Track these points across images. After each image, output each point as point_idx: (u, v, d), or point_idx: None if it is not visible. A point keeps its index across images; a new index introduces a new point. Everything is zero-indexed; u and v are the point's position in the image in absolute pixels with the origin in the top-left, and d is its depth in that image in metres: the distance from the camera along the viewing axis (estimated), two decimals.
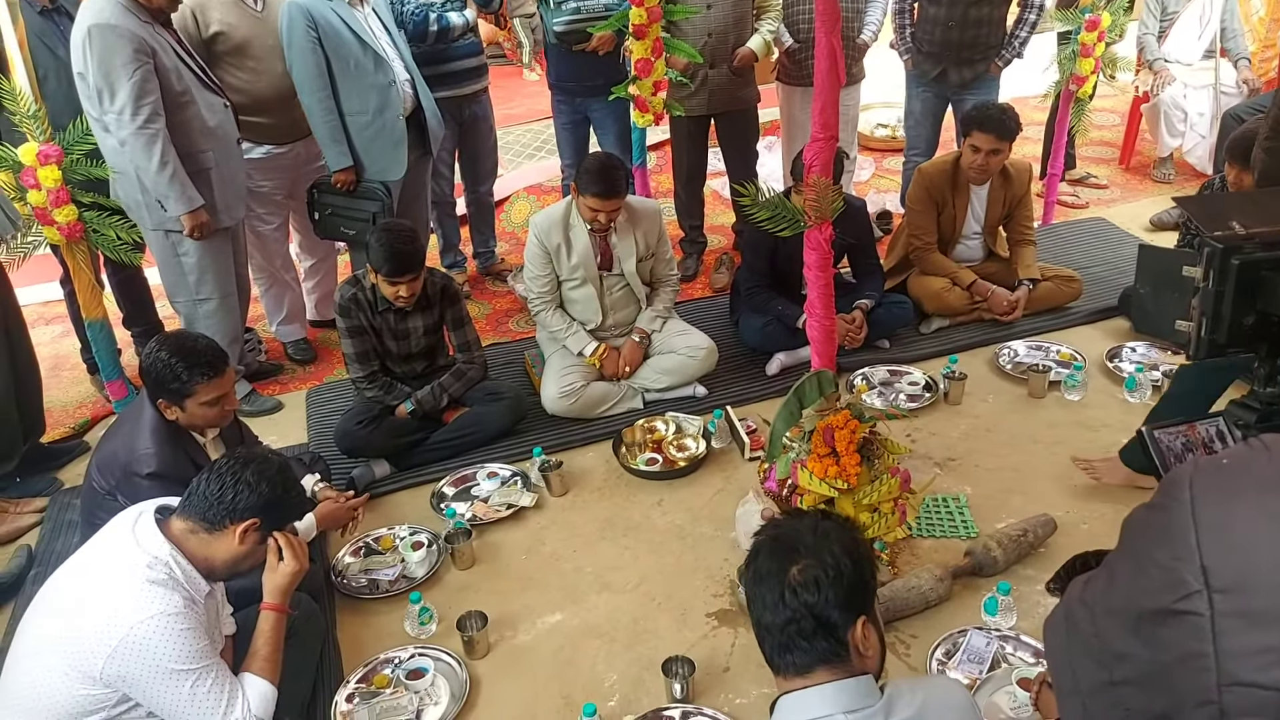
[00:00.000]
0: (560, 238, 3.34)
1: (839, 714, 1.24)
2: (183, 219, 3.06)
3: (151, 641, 1.73)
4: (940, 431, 3.19)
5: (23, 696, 1.78)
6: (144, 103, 2.89)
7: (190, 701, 1.77)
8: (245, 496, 1.86)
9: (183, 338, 2.38)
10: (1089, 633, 0.85)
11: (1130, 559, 0.84)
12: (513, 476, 3.08)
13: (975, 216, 3.84)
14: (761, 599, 1.32)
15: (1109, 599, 0.85)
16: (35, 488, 3.18)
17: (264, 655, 1.95)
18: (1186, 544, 0.77)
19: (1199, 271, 1.53)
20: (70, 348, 4.04)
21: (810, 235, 2.30)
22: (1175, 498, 0.81)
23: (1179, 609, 0.75)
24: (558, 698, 2.27)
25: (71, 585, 1.85)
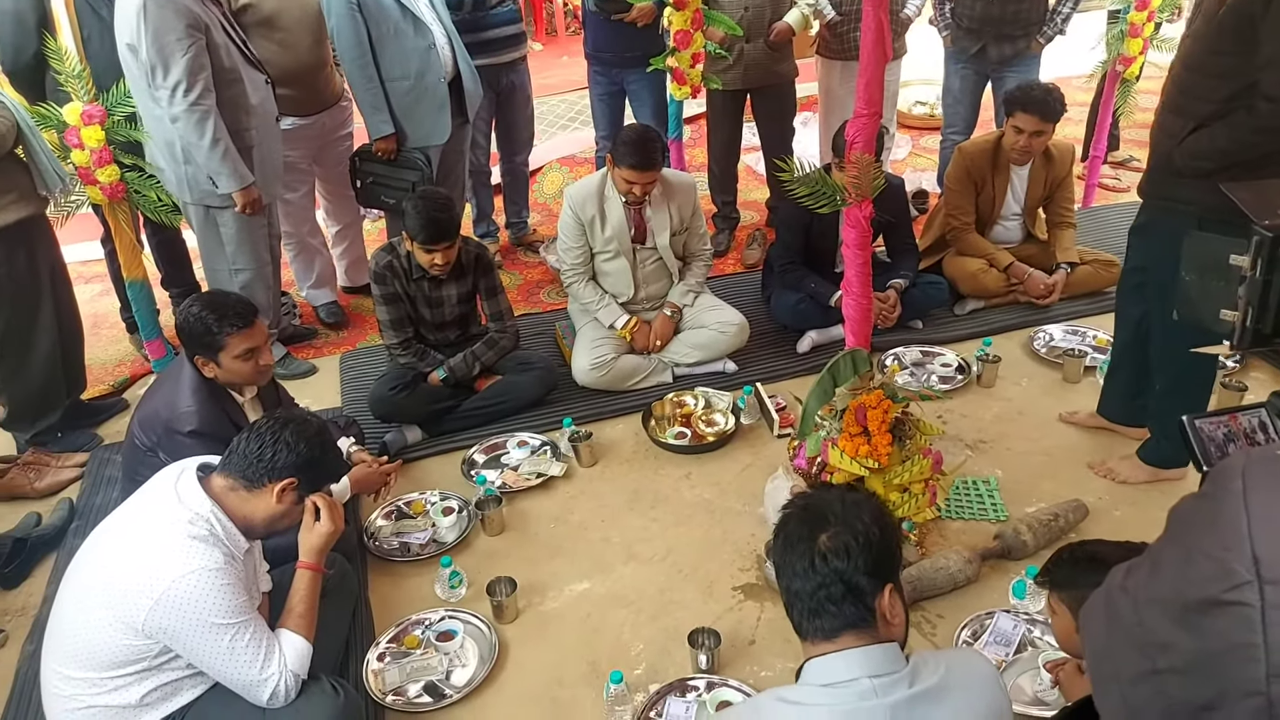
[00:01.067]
0: (595, 210, 3.33)
1: (864, 678, 1.26)
2: (235, 196, 3.09)
3: (192, 595, 1.77)
4: (972, 414, 3.17)
5: (70, 644, 1.84)
6: (197, 79, 2.90)
7: (229, 654, 1.81)
8: (284, 455, 1.90)
9: (214, 294, 2.44)
10: (1131, 621, 0.84)
11: (1177, 548, 0.83)
12: (542, 446, 3.11)
13: (1015, 197, 3.79)
14: (791, 566, 1.35)
15: (1153, 588, 0.84)
16: (76, 443, 3.25)
17: (299, 613, 2.00)
18: (1237, 533, 0.75)
19: (1246, 260, 1.50)
20: (110, 306, 4.11)
21: (849, 213, 2.28)
22: (1226, 487, 0.79)
23: (1228, 599, 0.74)
24: (584, 664, 2.30)
25: (116, 539, 1.89)
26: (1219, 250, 1.54)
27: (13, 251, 2.90)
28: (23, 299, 2.98)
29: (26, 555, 2.73)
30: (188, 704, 1.90)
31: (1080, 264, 3.76)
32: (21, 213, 2.88)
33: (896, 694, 1.25)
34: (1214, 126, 2.23)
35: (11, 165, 2.88)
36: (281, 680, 1.87)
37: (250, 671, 1.84)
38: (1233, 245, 1.52)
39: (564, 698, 2.22)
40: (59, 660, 1.86)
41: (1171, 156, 2.33)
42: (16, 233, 2.89)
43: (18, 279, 2.93)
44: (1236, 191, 1.63)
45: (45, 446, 3.18)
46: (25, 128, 2.87)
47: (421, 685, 2.25)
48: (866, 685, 1.26)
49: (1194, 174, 2.28)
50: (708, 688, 2.17)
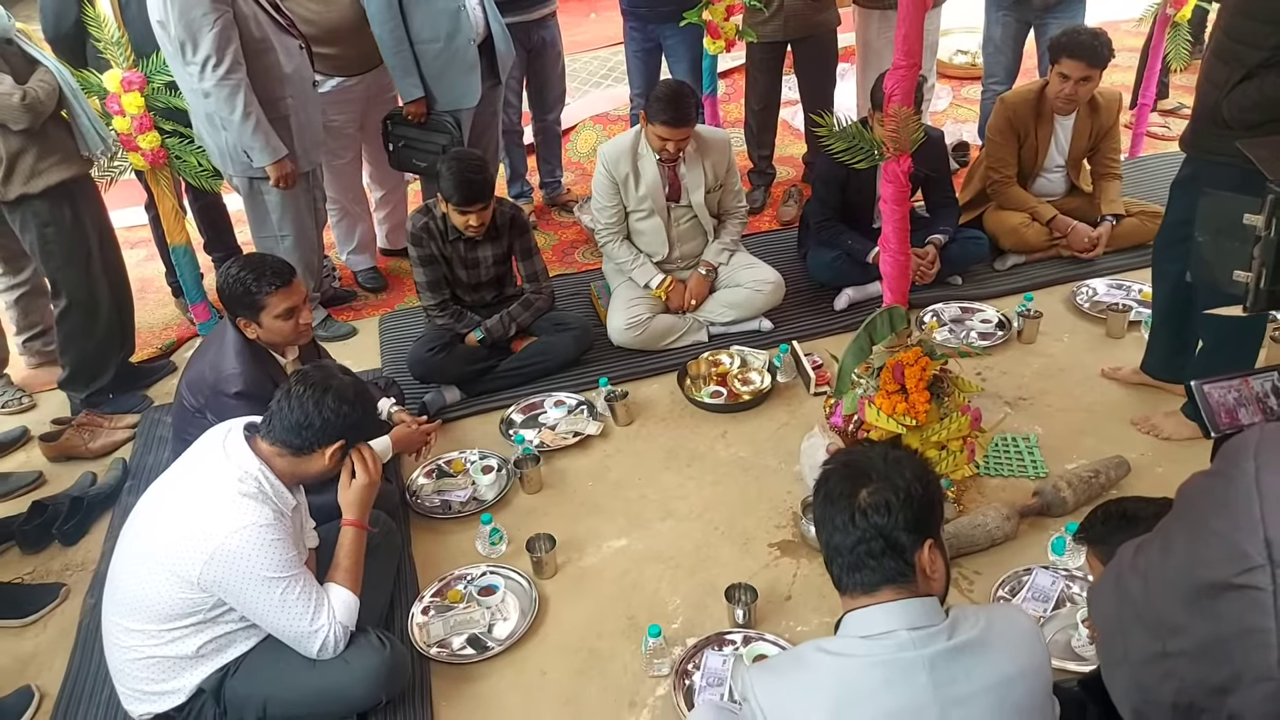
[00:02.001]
0: (628, 168, 3.31)
1: (902, 630, 1.27)
2: (268, 169, 3.12)
3: (244, 550, 1.83)
4: (1012, 370, 3.13)
5: (129, 597, 1.92)
6: (226, 53, 2.91)
7: (281, 607, 1.88)
8: (332, 422, 1.95)
9: (252, 255, 2.48)
10: (1142, 602, 0.83)
11: (1188, 528, 0.81)
12: (579, 405, 3.13)
13: (1059, 148, 3.69)
14: (831, 520, 1.35)
15: (1164, 568, 0.82)
16: (127, 405, 3.34)
17: (346, 567, 2.06)
18: (1249, 516, 0.73)
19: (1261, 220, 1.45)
20: (155, 271, 4.19)
21: (887, 168, 2.24)
22: (1238, 466, 0.77)
23: (1239, 583, 0.72)
24: (623, 618, 2.35)
25: (168, 498, 1.97)
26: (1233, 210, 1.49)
27: (59, 211, 2.97)
28: (74, 259, 3.06)
29: (84, 513, 2.84)
30: (240, 656, 1.98)
31: (1126, 216, 3.67)
32: (66, 173, 2.95)
33: (935, 646, 1.26)
34: (1264, 76, 2.15)
35: (55, 128, 2.94)
36: (330, 632, 1.94)
37: (301, 623, 1.91)
38: (1247, 205, 1.48)
39: (603, 650, 2.26)
40: (119, 613, 1.94)
41: (1218, 107, 2.25)
42: (61, 192, 2.96)
43: (65, 238, 3.01)
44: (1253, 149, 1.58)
45: (98, 408, 3.28)
46: (68, 90, 2.93)
47: (465, 638, 2.31)
48: (905, 637, 1.27)
49: (1241, 126, 2.20)
50: (744, 642, 2.20)
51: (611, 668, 2.22)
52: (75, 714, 2.23)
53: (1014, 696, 1.26)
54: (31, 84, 2.80)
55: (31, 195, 2.90)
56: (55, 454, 3.13)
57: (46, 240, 2.99)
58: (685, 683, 2.12)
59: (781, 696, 1.30)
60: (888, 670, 1.26)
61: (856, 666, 1.27)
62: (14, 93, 2.74)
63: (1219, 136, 2.27)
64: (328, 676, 1.97)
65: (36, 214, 2.94)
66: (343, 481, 2.10)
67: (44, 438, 3.15)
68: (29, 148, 2.85)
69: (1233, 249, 1.49)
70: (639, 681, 2.17)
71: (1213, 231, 1.55)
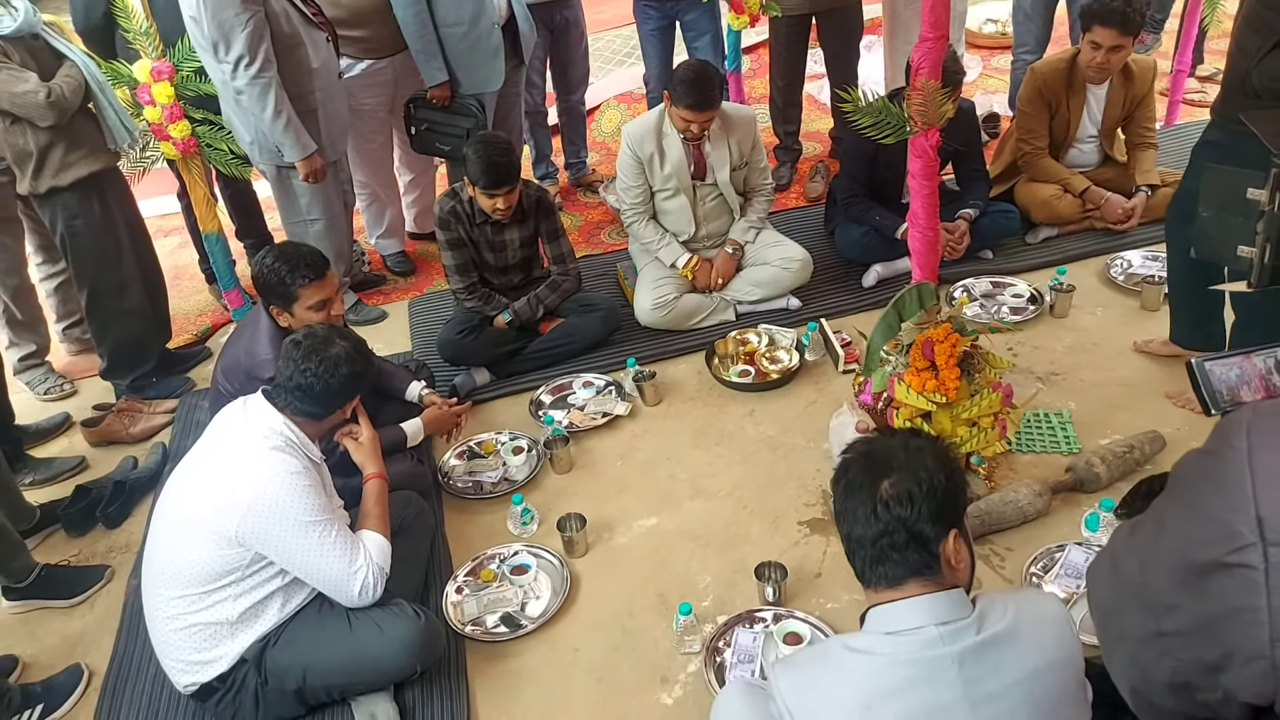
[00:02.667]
0: (653, 147, 3.30)
1: (930, 625, 1.25)
2: (298, 165, 3.15)
3: (279, 498, 1.90)
4: (1044, 345, 3.10)
5: (168, 566, 1.98)
6: (258, 52, 2.93)
7: (319, 550, 1.94)
8: (346, 387, 2.05)
9: (286, 245, 2.52)
10: (1138, 582, 0.83)
11: (1181, 507, 0.81)
12: (607, 386, 3.15)
13: (1091, 118, 3.62)
14: (853, 513, 1.33)
15: (1158, 548, 0.81)
16: (170, 388, 3.41)
17: (375, 515, 2.14)
18: (1241, 494, 0.73)
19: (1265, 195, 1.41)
20: (189, 259, 4.25)
21: (915, 142, 2.21)
22: (1230, 444, 0.77)
23: (1231, 561, 0.72)
24: (653, 596, 2.37)
25: (198, 467, 2.04)
26: (1237, 185, 1.46)
27: (87, 204, 3.02)
28: (103, 252, 3.10)
29: (126, 497, 2.91)
30: (281, 626, 2.02)
31: (1161, 186, 3.60)
32: (93, 166, 2.99)
33: (964, 641, 1.24)
34: None
35: (83, 120, 2.98)
36: (369, 572, 2.00)
37: (340, 565, 1.96)
38: (1251, 179, 1.45)
39: (634, 627, 2.29)
40: (158, 584, 2.00)
41: (1248, 77, 2.20)
42: (90, 185, 3.00)
43: (95, 231, 3.05)
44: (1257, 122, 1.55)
45: (141, 393, 3.35)
46: (94, 84, 2.96)
47: (498, 616, 2.34)
48: (933, 633, 1.25)
49: (1271, 96, 2.15)
50: (774, 619, 2.21)
51: (643, 645, 2.24)
52: (123, 690, 2.30)
53: (1044, 688, 1.23)
54: (57, 80, 2.84)
55: (61, 188, 2.94)
56: (97, 439, 3.20)
57: (75, 233, 3.03)
58: (716, 660, 2.14)
59: (807, 695, 1.29)
60: (916, 668, 1.24)
61: (884, 664, 1.25)
62: (39, 90, 2.78)
63: (1248, 106, 2.20)
64: (364, 645, 2.02)
65: (66, 207, 2.99)
66: (351, 448, 2.22)
67: (86, 423, 3.23)
68: (58, 141, 2.89)
69: (1237, 224, 1.46)
70: (670, 659, 2.19)
71: (1216, 207, 1.52)
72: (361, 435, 2.24)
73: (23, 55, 2.82)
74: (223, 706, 2.04)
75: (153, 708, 2.24)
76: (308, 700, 2.07)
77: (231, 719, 2.07)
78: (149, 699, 2.26)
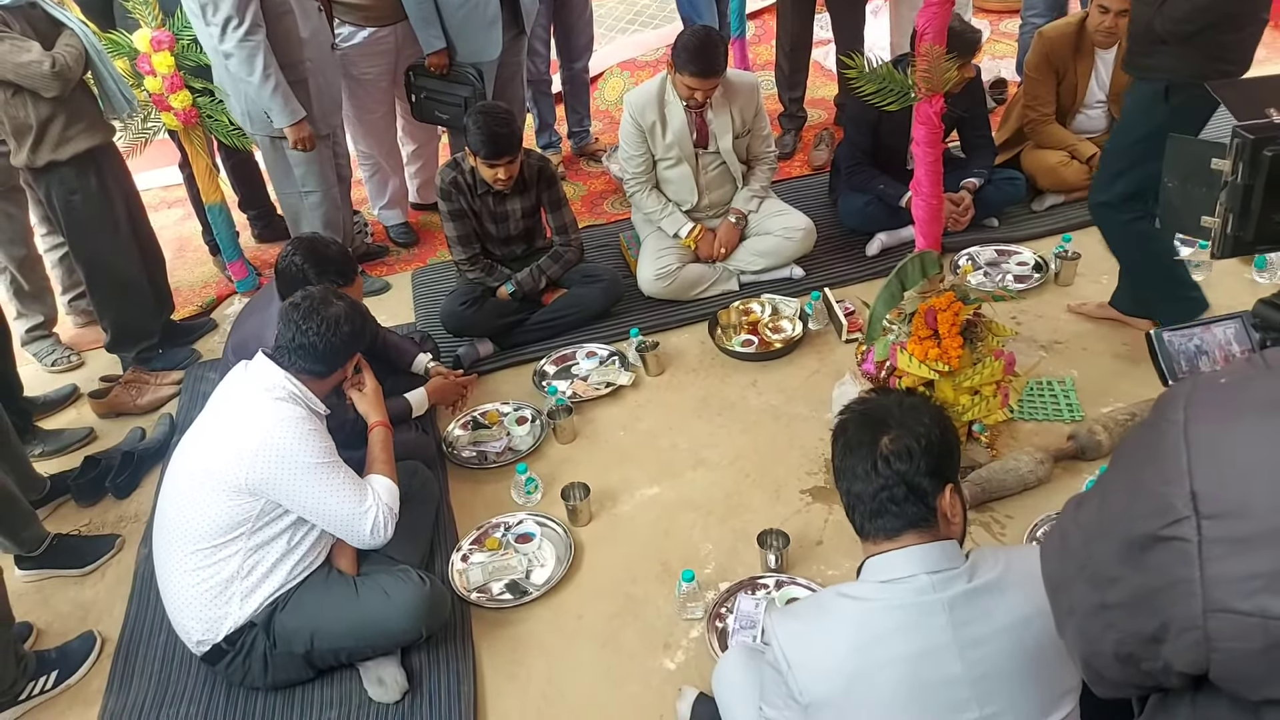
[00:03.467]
0: (655, 115, 3.28)
1: (923, 574, 1.29)
2: (286, 131, 3.12)
3: (286, 442, 1.94)
4: (1047, 314, 3.09)
5: (178, 523, 2.02)
6: (246, 14, 2.89)
7: (328, 491, 1.98)
8: (348, 344, 2.09)
9: (317, 245, 2.49)
10: (1083, 555, 0.84)
11: (1122, 481, 0.82)
12: (610, 356, 3.16)
13: (1099, 84, 3.57)
14: (852, 469, 1.37)
15: (1101, 521, 0.83)
16: (176, 359, 3.43)
17: (381, 460, 2.18)
18: (1177, 467, 0.74)
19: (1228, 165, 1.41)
20: (192, 230, 4.25)
21: (920, 109, 2.20)
22: (1168, 418, 0.77)
23: (1166, 534, 0.73)
24: (656, 564, 2.39)
25: (205, 428, 2.08)
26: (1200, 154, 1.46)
27: (85, 179, 3.00)
28: (100, 227, 3.08)
29: (135, 467, 2.94)
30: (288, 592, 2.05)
31: None
32: (92, 141, 2.97)
33: (954, 589, 1.28)
34: None
35: (81, 94, 2.95)
36: (379, 511, 2.04)
37: (350, 504, 2.00)
38: (1214, 149, 1.44)
39: (638, 594, 2.31)
40: (171, 542, 2.04)
41: (1152, 24, 2.30)
42: (88, 160, 2.98)
43: (91, 206, 3.04)
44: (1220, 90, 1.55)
45: (147, 364, 3.37)
46: (93, 52, 2.93)
47: (504, 583, 2.37)
48: (924, 581, 1.29)
49: (1176, 39, 2.27)
50: (777, 586, 2.24)
51: (646, 612, 2.27)
52: (135, 656, 2.34)
53: (1033, 635, 1.27)
54: (59, 49, 2.81)
55: (60, 162, 2.92)
56: (105, 410, 3.23)
57: (72, 208, 3.02)
58: (719, 625, 2.17)
59: (804, 642, 1.33)
60: (907, 613, 1.28)
61: (876, 610, 1.29)
62: (44, 60, 2.75)
63: (1152, 52, 2.34)
64: (371, 609, 2.05)
65: (63, 181, 2.97)
66: (355, 398, 2.26)
67: (93, 395, 3.25)
68: (58, 114, 2.87)
69: (1200, 195, 1.46)
70: (673, 625, 2.22)
71: (1180, 177, 1.52)
72: (365, 386, 2.28)
73: (22, 25, 2.80)
74: (232, 669, 2.08)
75: (165, 673, 2.28)
76: (316, 664, 2.11)
77: (241, 682, 2.11)
78: (161, 664, 2.30)
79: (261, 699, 2.15)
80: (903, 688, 1.26)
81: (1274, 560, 0.69)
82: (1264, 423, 0.73)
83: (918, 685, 1.26)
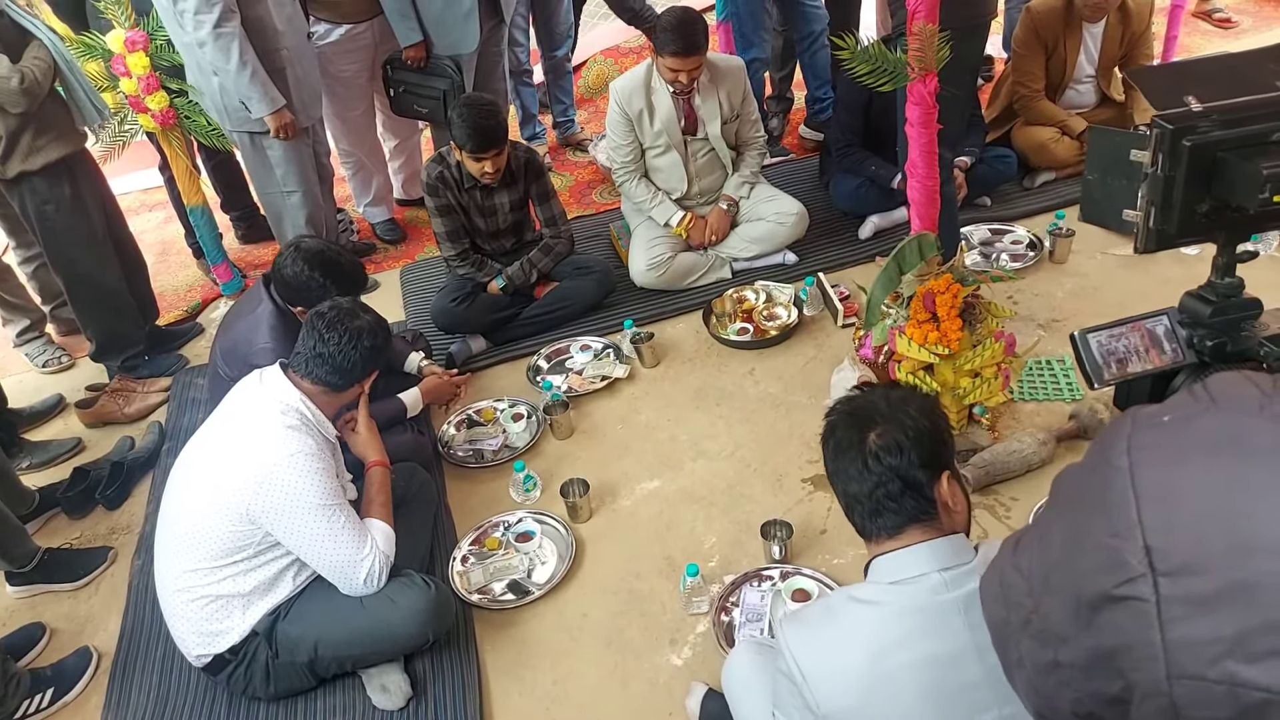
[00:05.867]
0: (642, 103, 3.23)
1: (934, 572, 1.25)
2: (267, 120, 3.05)
3: (291, 478, 1.89)
4: (1044, 292, 3.07)
5: (182, 539, 1.97)
6: (214, 1, 2.82)
7: (328, 535, 1.93)
8: (367, 360, 2.05)
9: (328, 255, 2.45)
10: (1028, 608, 0.79)
11: (1065, 529, 0.76)
12: (605, 349, 3.12)
13: (1089, 58, 3.55)
14: (844, 471, 1.33)
15: (1047, 573, 0.77)
16: (163, 366, 3.38)
17: (380, 503, 2.12)
18: (1126, 518, 0.68)
19: (1147, 156, 1.38)
20: (175, 233, 4.19)
21: (913, 89, 2.16)
22: (1112, 463, 0.71)
23: (1120, 594, 0.68)
24: (660, 558, 2.36)
25: (214, 439, 2.03)
26: (1120, 146, 1.44)
27: (58, 188, 2.93)
28: (77, 235, 3.01)
29: (125, 477, 2.89)
30: (291, 599, 2.02)
31: None
32: (64, 149, 2.90)
33: (968, 585, 1.24)
34: None
35: (51, 103, 2.87)
36: (375, 559, 1.99)
37: (347, 551, 1.95)
38: (1134, 140, 1.42)
39: (642, 590, 2.29)
40: (172, 556, 2.00)
41: None
42: (61, 169, 2.91)
43: (66, 215, 2.97)
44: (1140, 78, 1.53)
45: (134, 372, 3.31)
46: (62, 63, 2.86)
47: (505, 583, 2.34)
48: (937, 579, 1.25)
49: None
50: (782, 577, 2.21)
51: (651, 608, 2.24)
52: (133, 671, 2.30)
53: None
54: (26, 63, 2.73)
55: (31, 172, 2.85)
56: (92, 420, 3.18)
57: (46, 217, 2.95)
58: (724, 619, 2.14)
59: (817, 649, 1.29)
60: (923, 616, 1.23)
61: (890, 614, 1.25)
62: (11, 76, 2.67)
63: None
64: (376, 616, 2.01)
65: (36, 191, 2.90)
66: (351, 440, 2.20)
67: (80, 404, 3.20)
68: (27, 124, 2.79)
69: (1121, 187, 1.44)
70: (679, 620, 2.19)
71: (1101, 169, 1.50)
72: (359, 426, 2.20)
73: None
74: (234, 679, 2.04)
75: (163, 687, 2.24)
76: (318, 672, 2.08)
77: (243, 692, 2.08)
78: (159, 678, 2.27)
79: (263, 710, 2.12)
80: (923, 694, 1.22)
81: (1236, 621, 0.64)
82: (1213, 467, 0.68)
83: (939, 691, 1.22)
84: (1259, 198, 1.31)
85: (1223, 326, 1.50)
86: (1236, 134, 1.36)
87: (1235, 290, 1.51)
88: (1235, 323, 1.47)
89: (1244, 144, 1.36)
